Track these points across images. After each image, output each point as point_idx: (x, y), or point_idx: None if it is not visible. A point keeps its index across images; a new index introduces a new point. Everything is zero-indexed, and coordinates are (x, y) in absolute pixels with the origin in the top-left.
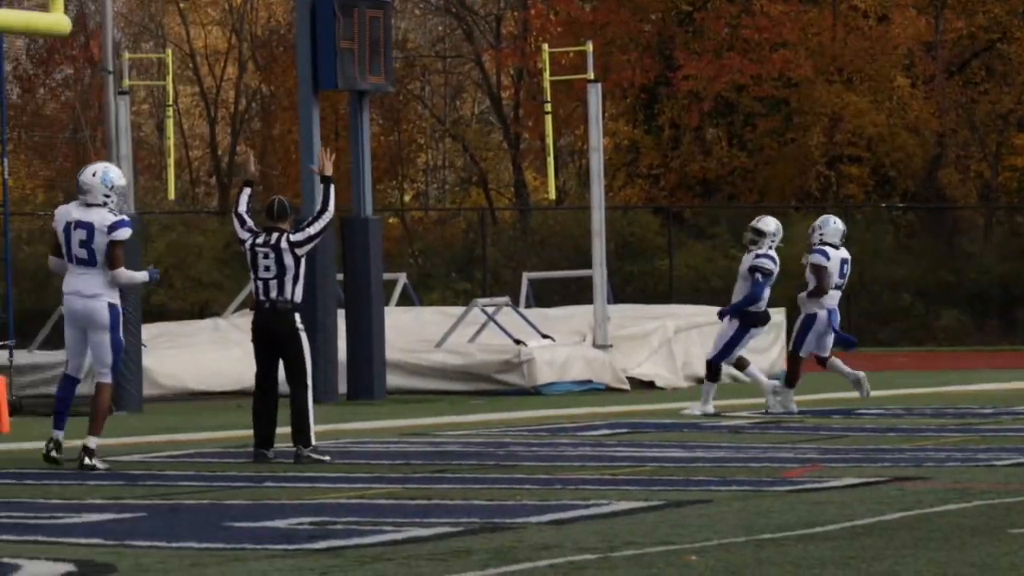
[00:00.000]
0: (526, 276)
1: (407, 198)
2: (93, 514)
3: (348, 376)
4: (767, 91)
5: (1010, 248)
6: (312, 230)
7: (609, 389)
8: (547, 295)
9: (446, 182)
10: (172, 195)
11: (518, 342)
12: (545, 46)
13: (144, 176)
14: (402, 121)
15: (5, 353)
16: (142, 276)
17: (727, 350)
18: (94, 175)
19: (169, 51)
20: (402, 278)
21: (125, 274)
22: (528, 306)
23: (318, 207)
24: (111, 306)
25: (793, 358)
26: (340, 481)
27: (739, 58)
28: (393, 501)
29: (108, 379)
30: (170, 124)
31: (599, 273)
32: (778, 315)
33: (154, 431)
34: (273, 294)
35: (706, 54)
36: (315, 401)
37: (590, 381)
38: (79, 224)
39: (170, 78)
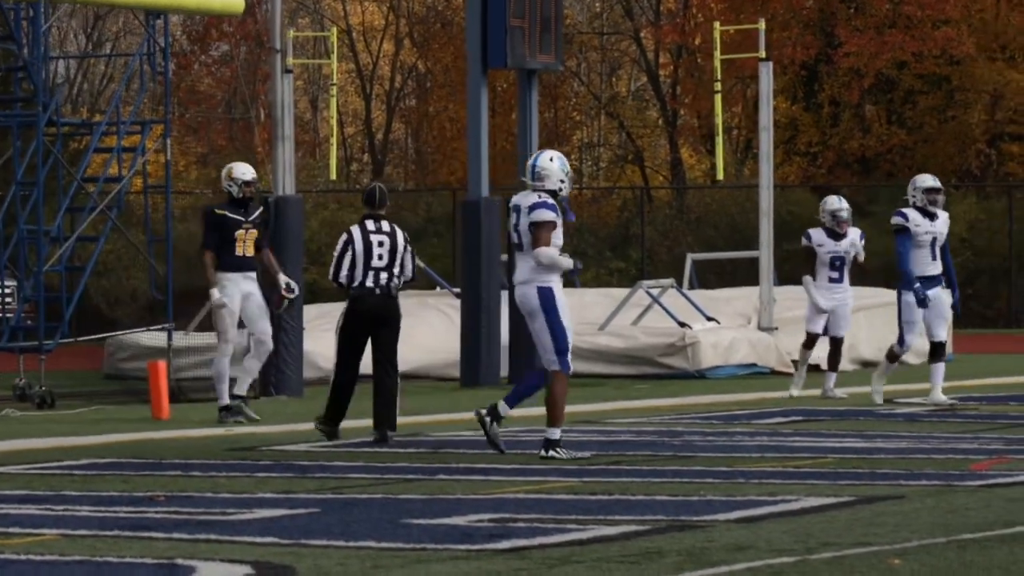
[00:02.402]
0: (690, 257)
1: None
2: (265, 509)
3: (511, 358)
4: (928, 68)
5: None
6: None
7: (774, 372)
8: (705, 275)
9: (601, 160)
10: (334, 175)
11: (683, 325)
12: (717, 24)
13: (297, 153)
14: (559, 98)
15: (163, 335)
16: (567, 263)
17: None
18: (551, 160)
19: (334, 29)
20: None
21: (547, 253)
22: (692, 287)
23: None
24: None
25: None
26: (515, 474)
27: (901, 35)
28: (573, 496)
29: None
30: (333, 103)
31: (766, 254)
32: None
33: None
34: (384, 280)
35: (868, 31)
36: (477, 384)
37: (755, 364)
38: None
39: (334, 57)
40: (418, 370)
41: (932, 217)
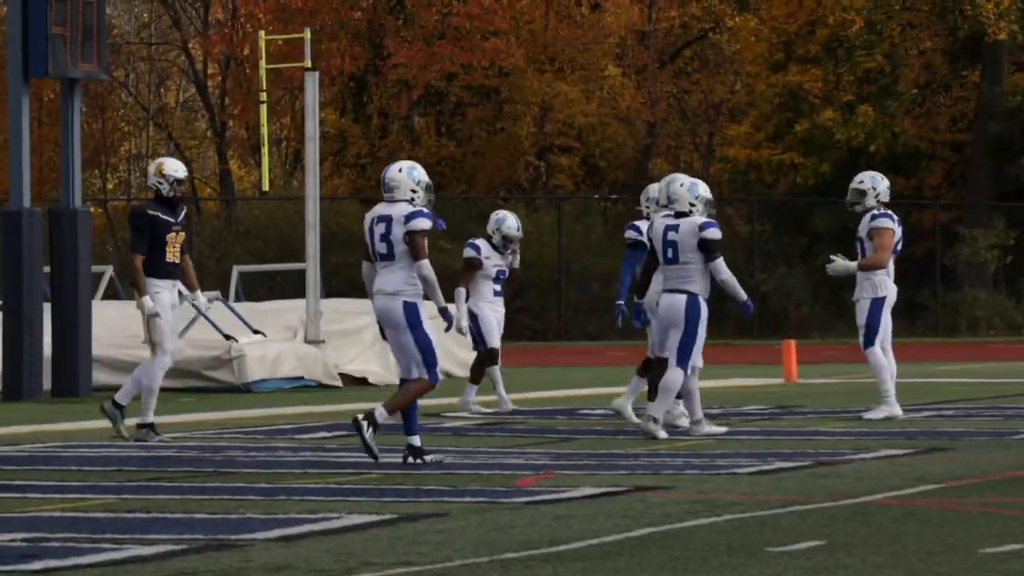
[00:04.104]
0: (236, 269)
1: (110, 187)
2: None
3: (53, 372)
4: (478, 80)
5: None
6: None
7: (321, 386)
8: (254, 288)
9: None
10: None
11: (228, 337)
12: (262, 33)
13: None
14: (107, 108)
15: None
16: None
17: None
18: (400, 171)
19: None
20: (109, 271)
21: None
22: (238, 300)
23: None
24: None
25: None
26: (52, 491)
27: (450, 46)
28: (110, 514)
29: (426, 376)
30: None
31: (312, 266)
32: None
33: None
34: None
35: (417, 42)
36: (18, 399)
37: (302, 378)
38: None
39: None
40: None
41: None
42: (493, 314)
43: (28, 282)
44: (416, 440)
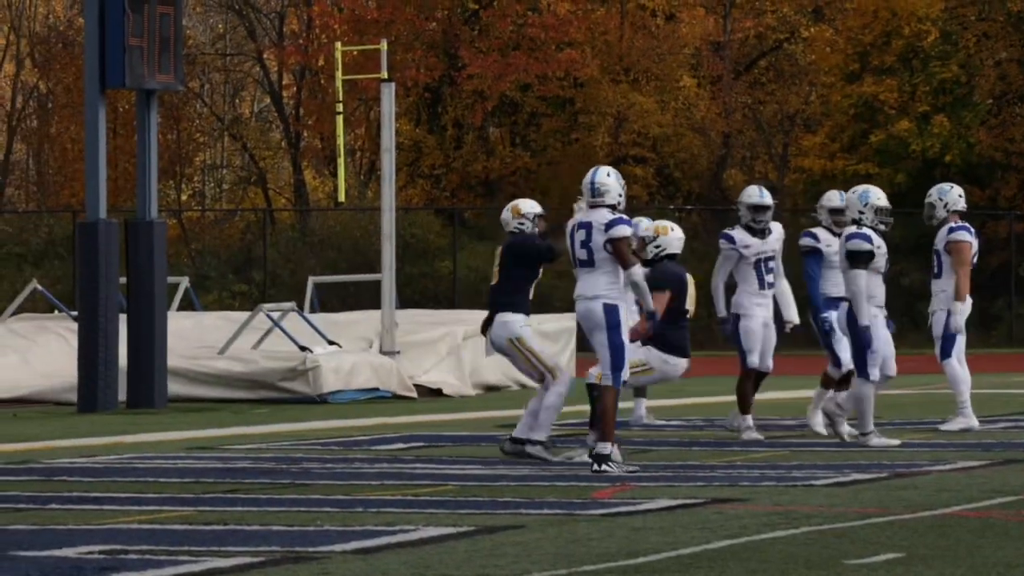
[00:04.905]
0: (312, 279)
1: (184, 197)
2: None
3: (128, 384)
4: (552, 90)
5: (796, 251)
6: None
7: (396, 397)
8: (329, 299)
9: (224, 181)
10: None
11: (304, 348)
12: (339, 44)
13: None
14: (182, 119)
15: None
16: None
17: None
18: (608, 175)
19: None
20: (184, 282)
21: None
22: (313, 311)
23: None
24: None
25: None
26: (129, 503)
27: (525, 57)
28: (187, 526)
29: (609, 382)
30: None
31: (388, 277)
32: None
33: None
34: None
35: (492, 52)
36: (93, 410)
37: (377, 389)
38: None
39: None
40: (35, 395)
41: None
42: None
43: (104, 293)
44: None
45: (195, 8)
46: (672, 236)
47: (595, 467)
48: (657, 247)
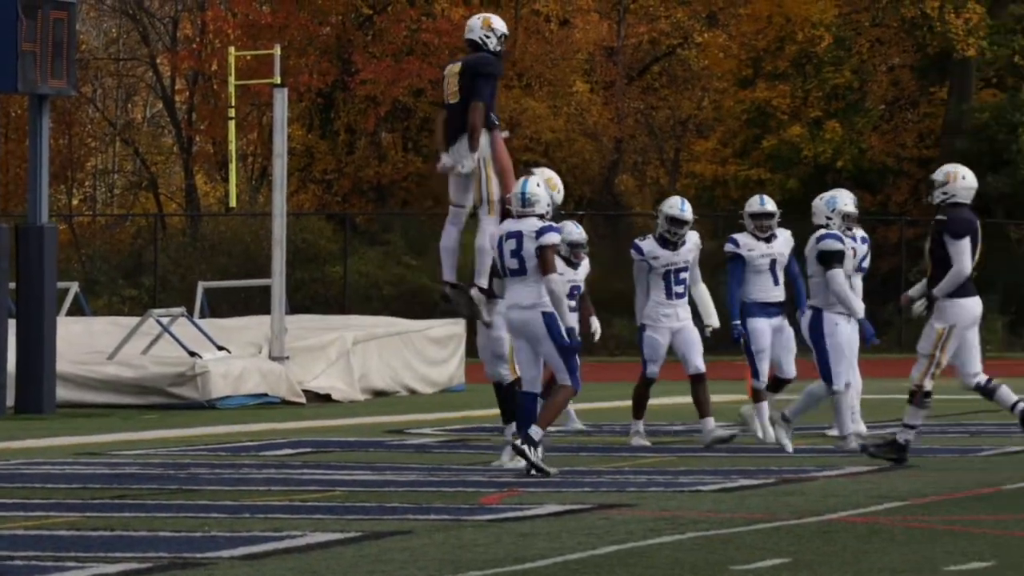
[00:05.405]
0: (202, 284)
1: (75, 202)
2: None
3: (17, 389)
4: None
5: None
6: None
7: (285, 402)
8: (218, 304)
9: (115, 186)
10: None
11: (193, 354)
12: (232, 49)
13: None
14: (74, 124)
15: None
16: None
17: None
18: (538, 185)
19: None
20: (74, 287)
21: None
22: (203, 316)
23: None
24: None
25: None
26: (16, 508)
27: (418, 62)
28: (74, 532)
29: (568, 383)
30: None
31: (278, 283)
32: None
33: None
34: None
35: (385, 58)
36: None
37: (266, 394)
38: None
39: None
40: None
41: (769, 240)
42: None
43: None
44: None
45: (89, 13)
46: (961, 184)
47: (519, 443)
48: (944, 194)
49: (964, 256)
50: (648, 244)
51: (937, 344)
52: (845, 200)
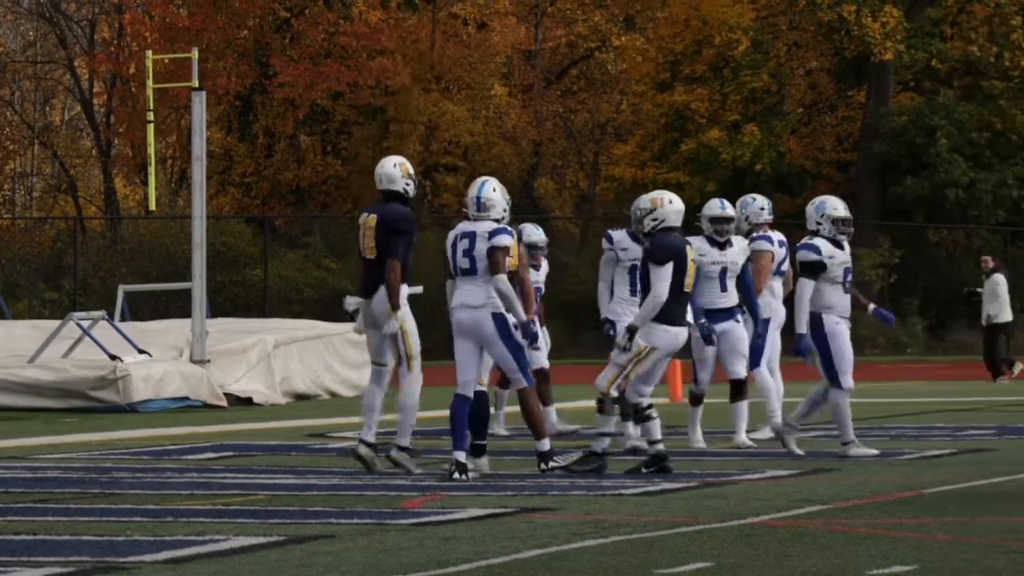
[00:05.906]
0: (122, 288)
1: None
2: None
3: None
4: (364, 99)
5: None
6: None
7: (206, 406)
8: (139, 307)
9: (34, 189)
10: None
11: (114, 357)
12: (149, 53)
13: None
14: None
15: None
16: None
17: None
18: (494, 190)
19: None
20: None
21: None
22: (123, 319)
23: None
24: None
25: None
26: None
27: (336, 65)
28: None
29: (523, 383)
30: None
31: (199, 286)
32: None
33: None
34: None
35: (303, 61)
36: None
37: (187, 398)
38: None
39: None
40: None
41: (724, 247)
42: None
43: None
44: (462, 456)
45: (5, 16)
46: (669, 208)
47: (543, 466)
48: (654, 220)
49: (663, 283)
50: (618, 235)
51: (633, 360)
52: (835, 205)
